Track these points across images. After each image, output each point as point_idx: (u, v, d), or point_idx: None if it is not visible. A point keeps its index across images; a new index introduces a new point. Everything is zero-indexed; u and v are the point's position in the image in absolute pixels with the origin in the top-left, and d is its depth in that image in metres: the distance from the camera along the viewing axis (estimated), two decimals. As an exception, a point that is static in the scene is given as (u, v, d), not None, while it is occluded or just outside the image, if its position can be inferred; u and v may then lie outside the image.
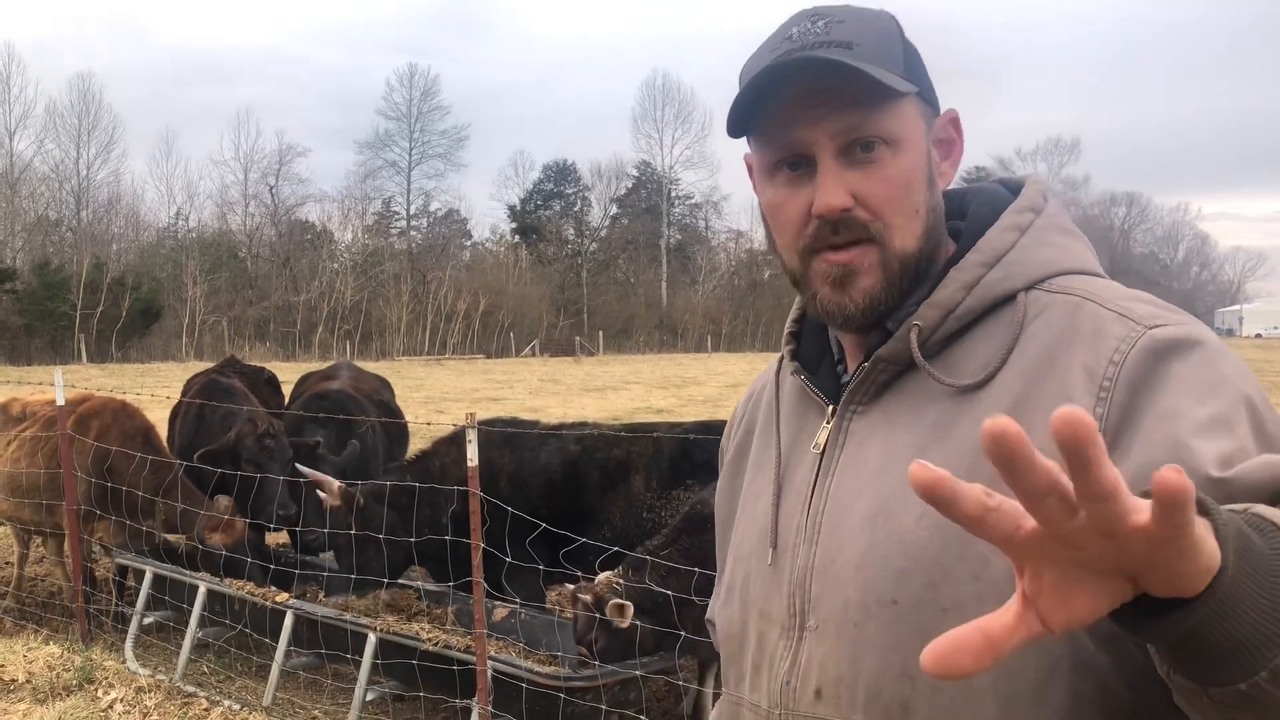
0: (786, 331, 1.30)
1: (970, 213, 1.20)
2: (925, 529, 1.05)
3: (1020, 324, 1.08)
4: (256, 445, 6.36)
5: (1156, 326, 1.02)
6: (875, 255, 1.12)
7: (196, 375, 8.74)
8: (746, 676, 1.24)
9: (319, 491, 5.38)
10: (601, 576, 4.31)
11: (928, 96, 1.16)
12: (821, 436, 1.19)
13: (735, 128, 1.15)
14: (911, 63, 1.14)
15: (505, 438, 5.55)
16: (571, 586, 4.40)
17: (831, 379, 1.23)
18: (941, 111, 1.19)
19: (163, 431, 7.22)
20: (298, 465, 5.95)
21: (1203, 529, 0.67)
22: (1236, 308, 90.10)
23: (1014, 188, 1.24)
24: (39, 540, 7.21)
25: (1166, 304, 1.09)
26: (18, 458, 6.44)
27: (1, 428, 6.96)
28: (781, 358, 1.31)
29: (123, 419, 6.55)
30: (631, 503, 5.33)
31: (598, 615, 4.15)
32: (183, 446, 7.13)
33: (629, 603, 4.11)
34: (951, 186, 1.24)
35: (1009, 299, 1.11)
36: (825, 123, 1.09)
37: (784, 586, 1.17)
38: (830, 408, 1.20)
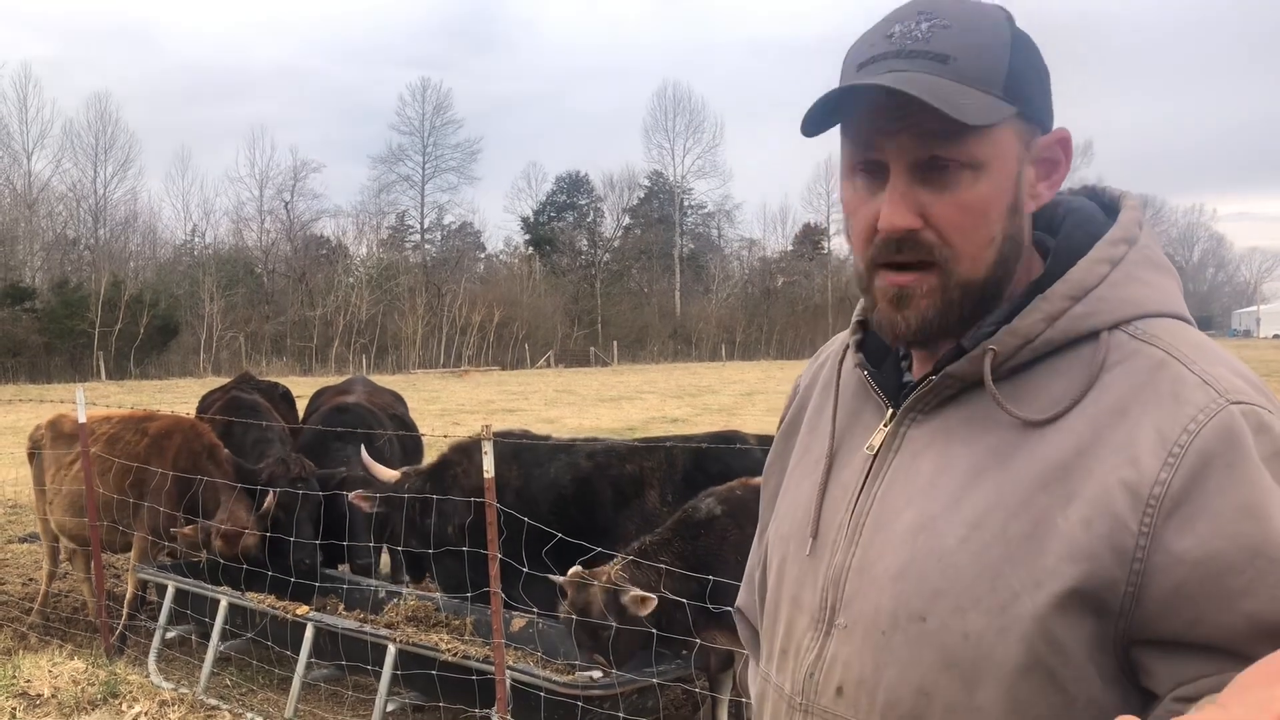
0: (855, 319, 1.27)
1: (1063, 234, 1.15)
2: (966, 553, 1.06)
3: (1100, 366, 1.05)
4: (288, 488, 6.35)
5: (1239, 403, 1.00)
6: (934, 280, 1.09)
7: (213, 391, 8.82)
8: (775, 658, 1.26)
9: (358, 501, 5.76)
10: (601, 570, 4.30)
11: (1032, 114, 1.09)
12: (876, 439, 1.18)
13: (813, 128, 1.10)
14: (1018, 77, 1.07)
15: (513, 452, 5.57)
16: (568, 576, 4.36)
17: (894, 375, 1.22)
18: (1051, 124, 1.12)
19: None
20: (365, 452, 6.17)
21: None
22: (1253, 309, 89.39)
23: (1106, 202, 1.20)
24: (64, 557, 7.29)
25: (1248, 373, 1.06)
26: (82, 476, 6.45)
27: (54, 445, 7.00)
28: (848, 344, 1.28)
29: (192, 438, 6.61)
30: (646, 518, 5.34)
31: (615, 594, 4.13)
32: None
33: (650, 595, 4.11)
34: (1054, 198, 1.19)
35: (1091, 336, 1.08)
36: (902, 137, 1.06)
37: (819, 580, 1.18)
38: (890, 411, 1.18)
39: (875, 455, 1.17)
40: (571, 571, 4.31)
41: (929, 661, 1.07)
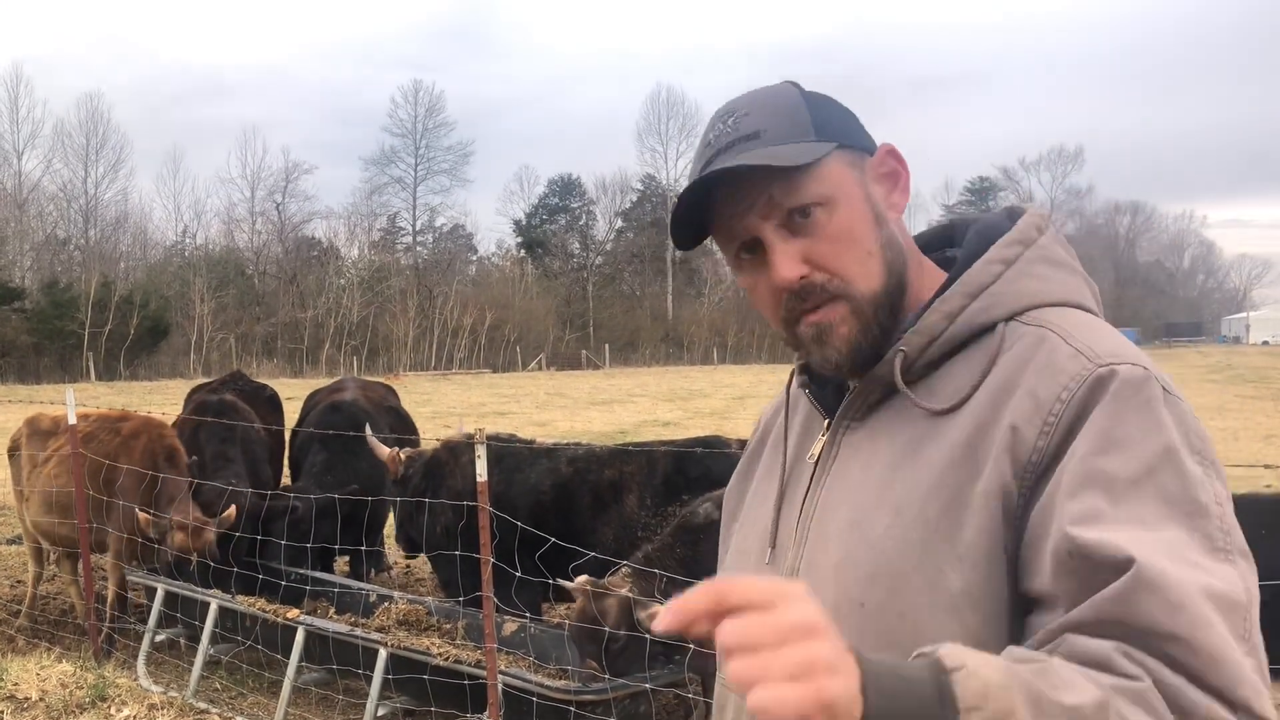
0: None
1: (965, 244, 1.26)
2: (890, 538, 1.13)
3: (997, 353, 1.14)
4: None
5: (1108, 365, 1.07)
6: (844, 308, 1.19)
7: (197, 389, 8.85)
8: None
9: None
10: (609, 580, 4.29)
11: (853, 142, 1.22)
12: (816, 448, 1.28)
13: (687, 242, 1.25)
14: (825, 120, 1.21)
15: (495, 456, 5.56)
16: (581, 581, 4.34)
17: (836, 394, 1.30)
18: (876, 148, 1.25)
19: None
20: (368, 433, 6.49)
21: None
22: (1243, 315, 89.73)
23: (1018, 218, 1.28)
24: (52, 559, 7.25)
25: (1133, 347, 1.13)
26: (56, 474, 6.42)
27: (30, 443, 6.98)
28: (793, 371, 1.39)
29: (156, 439, 6.61)
30: (625, 523, 5.32)
31: (630, 607, 4.09)
32: None
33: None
34: (963, 217, 1.32)
35: (990, 329, 1.17)
36: (757, 208, 1.19)
37: None
38: (826, 421, 1.29)
39: (816, 463, 1.27)
40: (583, 579, 4.30)
41: (871, 644, 1.10)
